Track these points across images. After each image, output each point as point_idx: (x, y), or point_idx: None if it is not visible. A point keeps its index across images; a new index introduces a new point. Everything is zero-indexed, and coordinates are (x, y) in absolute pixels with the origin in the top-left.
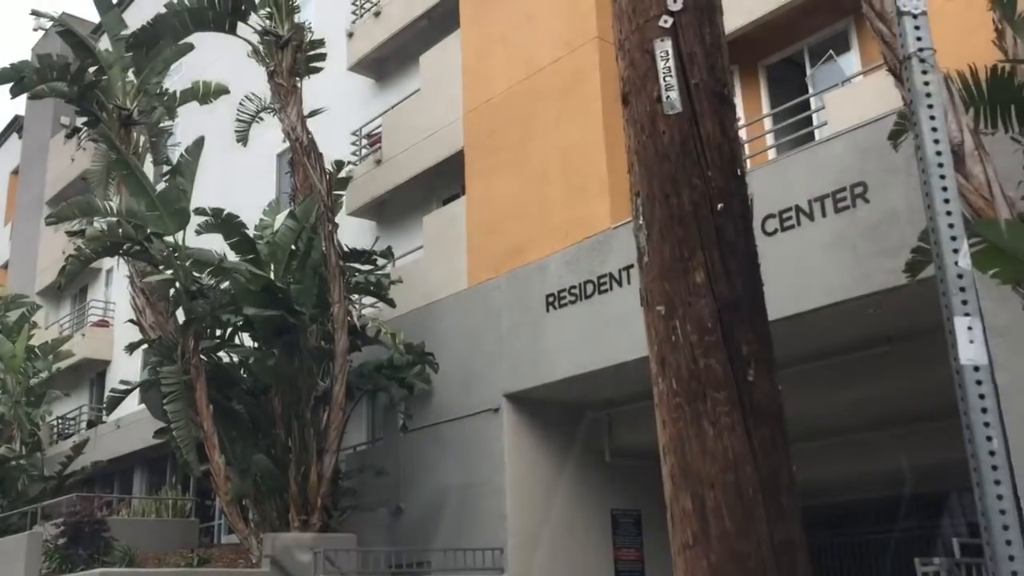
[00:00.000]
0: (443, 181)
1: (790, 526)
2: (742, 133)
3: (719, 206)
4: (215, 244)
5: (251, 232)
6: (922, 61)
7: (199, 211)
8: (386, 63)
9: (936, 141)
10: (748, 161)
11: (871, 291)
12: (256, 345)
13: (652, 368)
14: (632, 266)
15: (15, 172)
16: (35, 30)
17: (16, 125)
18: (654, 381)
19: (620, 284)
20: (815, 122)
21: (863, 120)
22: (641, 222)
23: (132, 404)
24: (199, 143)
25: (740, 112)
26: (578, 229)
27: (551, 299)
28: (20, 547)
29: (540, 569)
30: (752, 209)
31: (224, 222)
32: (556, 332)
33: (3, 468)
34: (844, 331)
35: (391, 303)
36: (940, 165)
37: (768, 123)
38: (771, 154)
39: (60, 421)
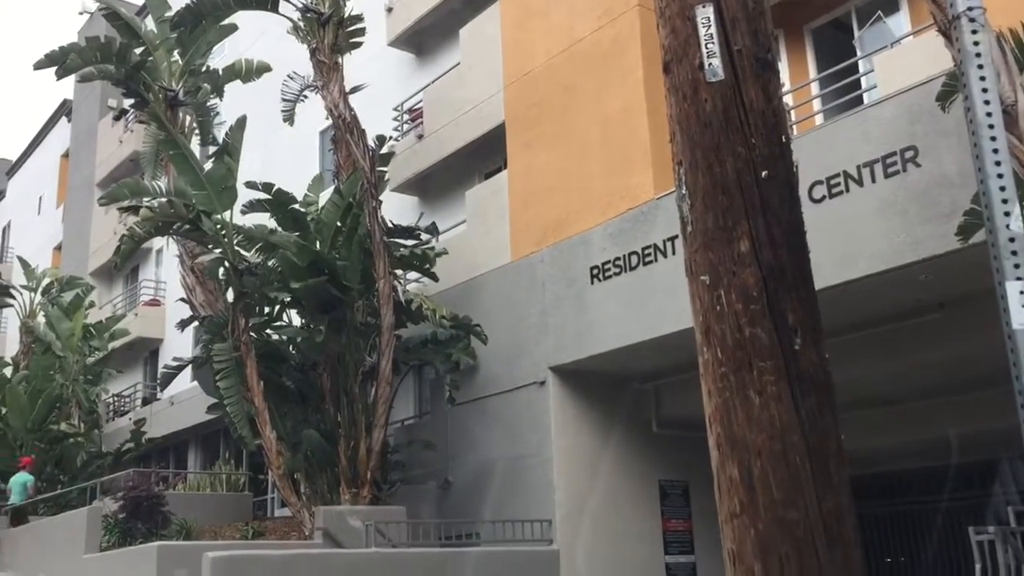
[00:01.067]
0: (485, 155)
1: (838, 495)
2: (788, 99)
3: (763, 174)
4: (262, 222)
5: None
6: (972, 20)
7: (249, 184)
8: (425, 37)
9: (986, 102)
10: (794, 127)
11: (922, 257)
12: (304, 322)
13: (697, 338)
14: (676, 237)
15: (65, 155)
16: (81, 13)
17: (65, 109)
18: (699, 351)
19: (665, 255)
20: (863, 85)
21: (913, 83)
22: (684, 192)
23: (184, 381)
24: (242, 122)
25: (785, 77)
26: (621, 200)
27: (595, 271)
28: (81, 521)
29: (588, 540)
30: (798, 176)
31: (274, 197)
32: (601, 304)
33: (63, 445)
34: (894, 298)
35: (435, 277)
36: (991, 126)
37: (815, 88)
38: (818, 120)
39: (116, 399)
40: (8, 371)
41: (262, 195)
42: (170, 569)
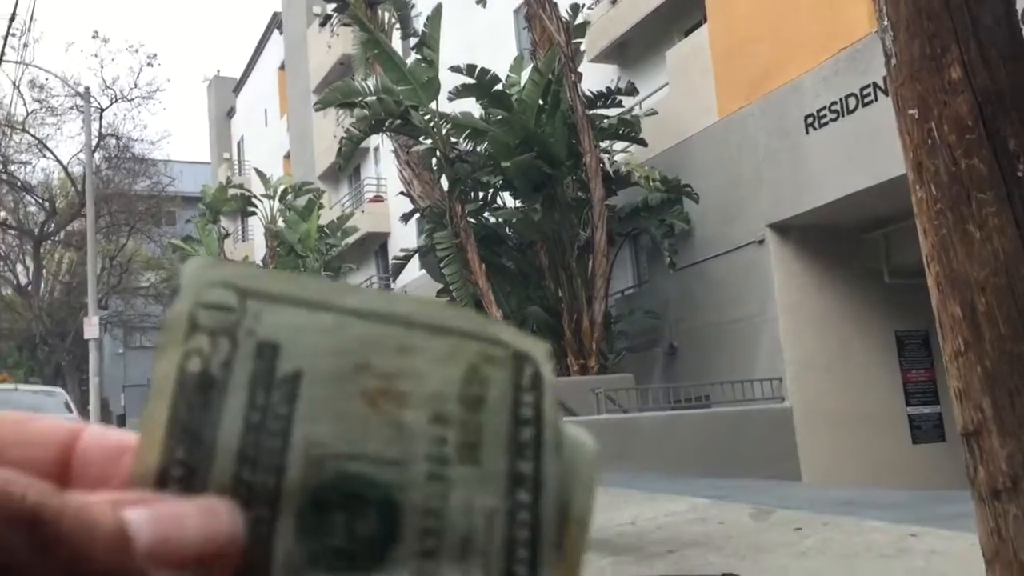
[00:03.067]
0: (683, 11)
1: None
2: None
3: None
4: (467, 110)
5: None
6: None
7: (454, 69)
8: None
9: None
10: None
11: None
12: (517, 203)
13: (909, 176)
14: None
15: (282, 67)
16: None
17: (276, 21)
18: (911, 189)
19: (886, 92)
20: None
21: None
22: (886, 23)
23: (414, 270)
24: (437, 11)
25: None
26: (833, 41)
27: (810, 120)
28: None
29: (822, 395)
30: None
31: (477, 80)
32: (818, 154)
33: None
34: None
35: (643, 143)
36: None
37: None
38: None
39: None
40: None
41: (466, 80)
42: None
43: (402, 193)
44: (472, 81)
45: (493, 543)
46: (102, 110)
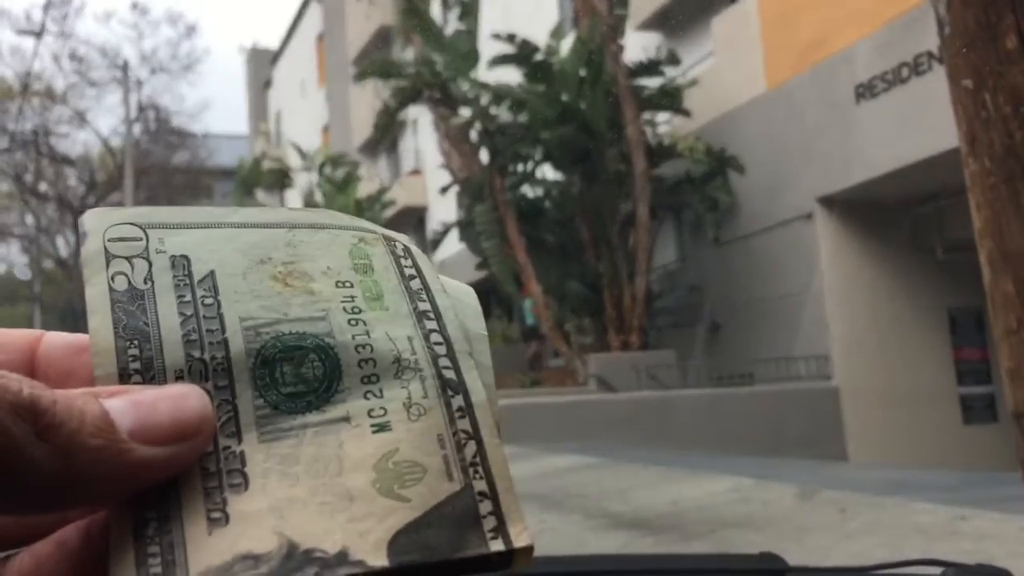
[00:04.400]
0: None
1: None
2: None
3: None
4: (504, 82)
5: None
6: None
7: (495, 35)
8: None
9: None
10: None
11: None
12: (557, 176)
13: (962, 149)
14: None
15: (320, 38)
16: None
17: None
18: (964, 163)
19: (941, 62)
20: None
21: None
22: None
23: (453, 243)
24: None
25: None
26: (887, 7)
27: (861, 90)
28: None
29: (869, 373)
30: None
31: (518, 49)
32: (870, 125)
33: None
34: None
35: (686, 113)
36: None
37: None
38: None
39: None
40: None
41: (506, 50)
42: None
43: (440, 166)
44: (513, 50)
45: (420, 358)
46: (140, 83)
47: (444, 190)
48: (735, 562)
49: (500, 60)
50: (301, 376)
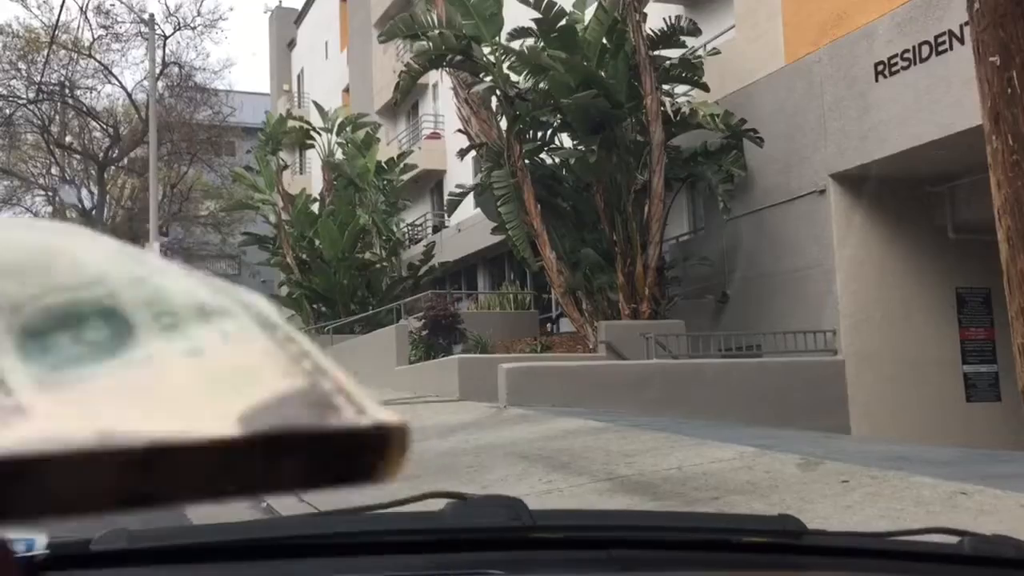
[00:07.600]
0: None
1: None
2: None
3: None
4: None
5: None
6: None
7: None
8: None
9: None
10: None
11: None
12: (575, 144)
13: (985, 126)
14: None
15: None
16: None
17: None
18: (987, 140)
19: (961, 41)
20: None
21: None
22: None
23: (469, 208)
24: None
25: None
26: None
27: (880, 67)
28: (391, 338)
29: (876, 350)
30: None
31: (543, 14)
32: (887, 103)
33: (369, 271)
34: None
35: (705, 87)
36: None
37: None
38: None
39: (409, 228)
40: (315, 207)
41: (532, 14)
42: (470, 378)
43: (460, 130)
44: (539, 15)
45: (223, 303)
46: (165, 38)
47: (462, 153)
48: (755, 522)
49: (521, 32)
50: (84, 338)
